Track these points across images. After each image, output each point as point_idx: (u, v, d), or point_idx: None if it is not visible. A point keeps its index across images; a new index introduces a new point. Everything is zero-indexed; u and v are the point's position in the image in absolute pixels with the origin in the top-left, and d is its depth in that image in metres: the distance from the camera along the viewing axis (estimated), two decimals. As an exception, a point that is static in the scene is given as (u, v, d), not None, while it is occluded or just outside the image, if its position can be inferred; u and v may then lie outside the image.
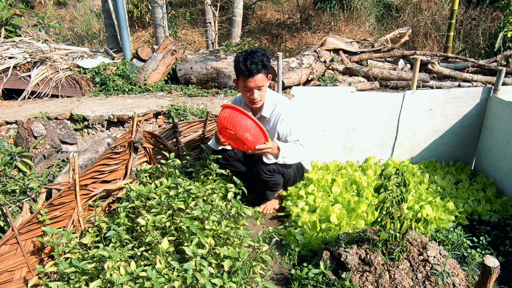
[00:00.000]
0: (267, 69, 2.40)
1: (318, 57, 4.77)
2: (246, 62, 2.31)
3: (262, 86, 2.40)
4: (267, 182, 2.56)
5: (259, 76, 2.34)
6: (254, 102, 2.46)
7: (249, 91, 2.41)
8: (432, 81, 4.56)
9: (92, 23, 8.80)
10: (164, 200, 2.00)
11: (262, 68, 2.34)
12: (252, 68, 2.30)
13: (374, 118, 3.14)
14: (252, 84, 2.36)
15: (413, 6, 7.81)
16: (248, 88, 2.39)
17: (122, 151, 2.48)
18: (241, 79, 2.38)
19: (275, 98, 2.57)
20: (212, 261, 1.65)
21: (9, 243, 1.85)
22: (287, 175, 2.62)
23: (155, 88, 4.64)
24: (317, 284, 1.84)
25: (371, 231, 2.05)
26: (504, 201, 2.64)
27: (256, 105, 2.49)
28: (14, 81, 4.46)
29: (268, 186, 2.62)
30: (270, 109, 2.54)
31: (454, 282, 1.74)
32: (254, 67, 2.31)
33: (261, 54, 2.35)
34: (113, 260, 1.62)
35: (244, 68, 2.32)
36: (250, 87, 2.38)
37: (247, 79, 2.34)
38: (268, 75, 2.45)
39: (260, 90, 2.41)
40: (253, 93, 2.40)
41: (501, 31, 5.20)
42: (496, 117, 2.90)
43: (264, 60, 2.36)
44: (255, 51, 2.37)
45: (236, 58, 2.38)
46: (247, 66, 2.31)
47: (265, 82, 2.41)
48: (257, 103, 2.47)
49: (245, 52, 2.39)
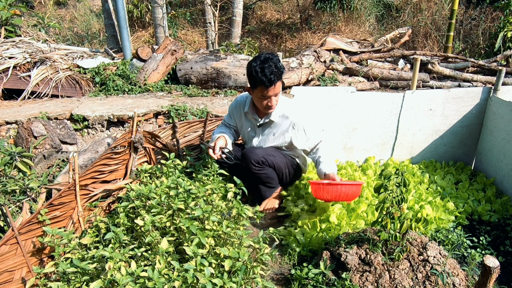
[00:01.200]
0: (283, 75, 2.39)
1: (318, 57, 4.77)
2: (265, 72, 2.26)
3: (278, 93, 2.40)
4: (258, 175, 2.55)
5: (278, 84, 2.34)
6: (268, 109, 2.46)
7: (267, 99, 2.39)
8: (432, 81, 4.56)
9: (92, 23, 8.80)
10: (164, 200, 2.00)
11: (281, 76, 2.34)
12: (273, 78, 2.27)
13: (374, 118, 3.14)
14: (271, 92, 2.35)
15: (413, 6, 7.81)
16: (266, 97, 2.38)
17: (122, 151, 2.48)
18: (260, 88, 2.33)
19: (283, 103, 2.56)
20: (212, 261, 1.65)
21: (9, 243, 1.85)
22: (279, 170, 2.61)
23: (155, 88, 4.64)
24: (317, 284, 1.84)
25: (371, 231, 2.05)
26: (504, 201, 2.64)
27: (270, 111, 2.49)
28: (14, 81, 4.46)
29: (261, 181, 2.61)
30: (278, 113, 2.53)
31: (454, 282, 1.74)
32: (274, 77, 2.27)
33: (276, 60, 2.32)
34: (114, 261, 1.62)
35: (265, 79, 2.27)
36: (269, 96, 2.37)
37: (267, 88, 2.32)
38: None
39: (276, 96, 2.41)
40: (271, 100, 2.39)
41: (501, 31, 5.21)
42: (496, 117, 2.90)
43: (280, 66, 2.32)
44: (270, 59, 2.31)
45: (251, 68, 2.31)
46: (267, 76, 2.26)
47: (280, 88, 2.42)
48: (272, 109, 2.48)
49: (258, 60, 2.33)
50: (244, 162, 2.54)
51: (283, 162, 2.62)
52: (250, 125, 2.67)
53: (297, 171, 2.77)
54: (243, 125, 2.69)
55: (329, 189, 2.18)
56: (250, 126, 2.67)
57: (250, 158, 2.48)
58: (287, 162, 2.65)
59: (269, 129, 2.60)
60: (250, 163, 2.49)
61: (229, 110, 2.75)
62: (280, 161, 2.59)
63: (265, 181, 2.63)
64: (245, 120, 2.67)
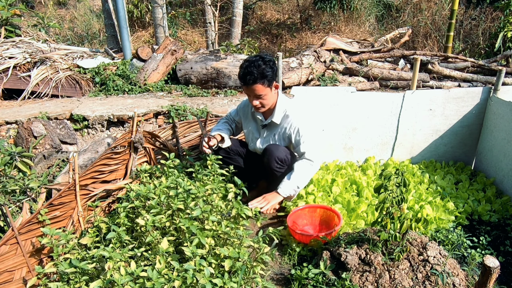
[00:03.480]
0: (268, 78, 2.33)
1: (318, 57, 4.77)
2: (244, 70, 2.31)
3: (261, 95, 2.37)
4: (276, 172, 2.54)
5: (255, 86, 2.32)
6: (255, 108, 2.47)
7: (251, 98, 2.43)
8: (432, 81, 4.56)
9: (92, 23, 8.80)
10: (163, 200, 2.00)
11: (260, 79, 2.29)
12: (248, 79, 2.30)
13: (374, 118, 3.14)
14: (249, 92, 2.38)
15: (413, 6, 7.81)
16: (247, 94, 2.43)
17: (122, 151, 2.48)
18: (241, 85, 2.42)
19: (286, 105, 2.54)
20: (212, 261, 1.65)
21: (9, 243, 1.85)
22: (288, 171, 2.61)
23: (155, 88, 4.64)
24: (317, 284, 1.84)
25: (371, 231, 2.05)
26: (504, 201, 2.64)
27: (259, 111, 2.49)
28: (14, 81, 4.46)
29: (276, 178, 2.60)
30: (280, 115, 2.52)
31: (454, 282, 1.74)
32: (249, 78, 2.29)
33: (261, 63, 2.30)
34: (114, 261, 1.62)
35: (241, 76, 2.33)
36: (248, 94, 2.42)
37: (245, 87, 2.37)
38: (273, 83, 2.41)
39: (260, 98, 2.39)
40: (252, 100, 2.41)
41: (501, 31, 5.20)
42: (496, 117, 2.90)
43: (263, 69, 2.29)
44: (256, 60, 2.32)
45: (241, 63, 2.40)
46: (243, 75, 2.31)
47: (266, 91, 2.37)
48: (260, 109, 2.47)
49: (249, 58, 2.36)
50: (266, 157, 2.51)
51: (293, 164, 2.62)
52: (255, 126, 2.68)
53: None
54: (248, 124, 2.71)
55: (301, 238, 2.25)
56: (255, 127, 2.68)
57: (275, 155, 2.47)
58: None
59: (272, 130, 2.60)
60: (273, 160, 2.48)
61: (238, 107, 2.78)
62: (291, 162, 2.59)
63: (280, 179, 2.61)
64: (251, 120, 2.69)
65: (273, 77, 2.38)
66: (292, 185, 2.48)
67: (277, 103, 2.50)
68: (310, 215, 2.46)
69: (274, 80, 2.41)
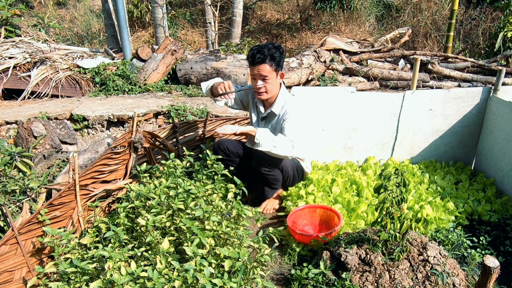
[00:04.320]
0: (276, 62, 2.40)
1: (318, 57, 4.77)
2: (254, 50, 2.39)
3: (266, 77, 2.42)
4: (266, 176, 2.56)
5: (262, 66, 2.38)
6: (258, 92, 2.48)
7: (255, 79, 2.46)
8: (432, 81, 4.56)
9: (92, 23, 8.80)
10: (164, 200, 2.00)
11: (268, 59, 2.37)
12: (257, 57, 2.37)
13: (374, 118, 3.14)
14: (255, 71, 2.42)
15: (413, 6, 7.81)
16: (253, 76, 2.46)
17: (122, 151, 2.48)
18: (249, 67, 2.47)
19: (287, 97, 2.57)
20: (212, 261, 1.65)
21: (9, 243, 1.85)
22: (286, 173, 2.62)
23: (155, 88, 4.64)
24: (317, 284, 1.84)
25: (371, 231, 2.05)
26: (504, 201, 2.64)
27: (261, 96, 2.50)
28: (14, 81, 4.46)
29: (267, 181, 2.63)
30: (280, 106, 2.55)
31: (454, 282, 1.74)
32: (259, 56, 2.36)
33: (272, 47, 2.40)
34: (114, 261, 1.62)
35: (250, 55, 2.41)
36: (254, 74, 2.44)
37: (250, 66, 2.43)
38: (280, 71, 2.47)
39: (264, 81, 2.43)
40: (256, 81, 2.44)
41: (501, 31, 5.20)
42: (496, 117, 2.90)
43: (274, 52, 2.38)
44: (268, 44, 2.42)
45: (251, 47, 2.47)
46: (253, 54, 2.39)
47: (271, 74, 2.42)
48: (262, 94, 2.49)
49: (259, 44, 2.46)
50: (255, 161, 2.53)
51: (290, 165, 2.63)
52: (255, 117, 2.70)
53: (301, 174, 2.78)
54: (250, 112, 2.74)
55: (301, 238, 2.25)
56: (255, 118, 2.70)
57: (263, 159, 2.48)
58: (293, 164, 2.67)
59: (270, 121, 2.61)
60: (261, 163, 2.50)
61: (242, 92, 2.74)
62: (288, 163, 2.61)
63: (271, 183, 2.64)
64: (253, 109, 2.71)
65: (281, 63, 2.45)
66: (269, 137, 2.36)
67: (279, 95, 2.54)
68: (310, 215, 2.46)
69: (280, 68, 2.47)
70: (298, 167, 2.72)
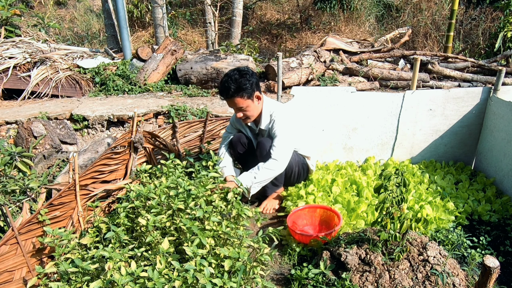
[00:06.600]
0: (248, 91, 2.35)
1: (318, 57, 4.77)
2: (222, 86, 2.36)
3: (242, 107, 2.40)
4: None
5: (234, 100, 2.37)
6: (242, 120, 2.51)
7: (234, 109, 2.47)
8: (432, 81, 4.56)
9: (92, 23, 8.80)
10: (164, 200, 2.00)
11: (237, 92, 2.32)
12: (226, 94, 2.36)
13: (374, 118, 3.14)
14: (229, 104, 2.44)
15: (413, 6, 7.81)
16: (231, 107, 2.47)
17: (122, 151, 2.48)
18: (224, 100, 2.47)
19: (271, 108, 2.54)
20: (212, 261, 1.65)
21: (9, 243, 1.85)
22: (289, 168, 2.62)
23: (155, 88, 4.64)
24: (317, 284, 1.84)
25: (371, 231, 2.05)
26: (504, 201, 2.64)
27: (246, 122, 2.54)
28: (14, 81, 4.46)
29: None
30: (267, 121, 2.55)
31: (454, 282, 1.74)
32: (226, 93, 2.35)
33: (238, 76, 2.33)
34: (114, 261, 1.62)
35: (220, 91, 2.40)
36: (231, 107, 2.46)
37: (225, 100, 2.42)
38: (255, 94, 2.42)
39: (243, 111, 2.43)
40: (236, 112, 2.46)
41: (501, 31, 5.20)
42: (496, 117, 2.90)
43: (242, 82, 2.32)
44: (234, 74, 2.35)
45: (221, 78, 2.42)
46: (221, 91, 2.38)
47: (246, 103, 2.39)
48: (246, 121, 2.53)
49: (228, 72, 2.40)
50: (259, 151, 2.54)
51: (295, 161, 2.63)
52: (251, 134, 2.72)
53: (306, 171, 2.78)
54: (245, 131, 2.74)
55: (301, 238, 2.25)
56: (252, 135, 2.72)
57: (266, 147, 2.49)
58: (298, 161, 2.67)
59: (264, 135, 2.63)
60: (265, 151, 2.50)
61: (231, 120, 2.81)
62: (292, 159, 2.60)
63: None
64: (246, 128, 2.72)
65: (253, 89, 2.39)
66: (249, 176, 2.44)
67: (262, 111, 2.52)
68: (310, 215, 2.46)
69: (254, 92, 2.41)
70: (303, 164, 2.72)
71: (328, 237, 2.14)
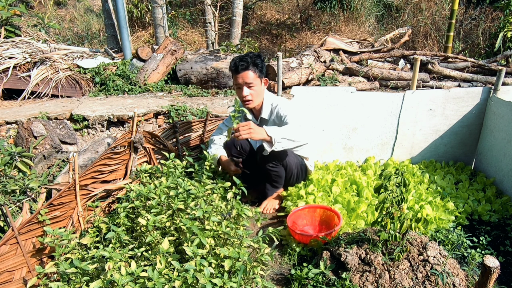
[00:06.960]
0: (259, 69, 2.48)
1: (318, 57, 4.77)
2: (236, 60, 2.47)
3: (251, 84, 2.47)
4: (270, 172, 2.58)
5: (246, 72, 2.44)
6: (245, 101, 2.52)
7: (240, 89, 2.50)
8: (432, 81, 4.56)
9: (92, 23, 8.80)
10: (164, 200, 2.00)
11: (251, 66, 2.44)
12: (241, 65, 2.44)
13: (374, 118, 3.14)
14: (240, 80, 2.46)
15: (413, 6, 7.81)
16: (238, 85, 2.50)
17: (122, 151, 2.48)
18: (233, 77, 2.53)
19: (272, 99, 2.63)
20: (212, 261, 1.65)
21: (9, 243, 1.85)
22: (289, 170, 2.62)
23: (155, 88, 4.64)
24: (317, 284, 1.84)
25: (371, 231, 2.05)
26: (504, 201, 2.64)
27: (248, 104, 2.54)
28: (14, 81, 4.46)
29: (270, 178, 2.64)
30: (268, 110, 2.61)
31: (454, 282, 1.74)
32: (242, 63, 2.44)
33: (253, 55, 2.48)
34: (114, 261, 1.62)
35: (233, 65, 2.48)
36: (238, 83, 2.48)
37: (234, 75, 2.48)
38: (263, 78, 2.54)
39: (250, 88, 2.48)
40: (242, 90, 2.48)
41: (501, 31, 5.20)
42: (496, 117, 2.90)
43: (256, 60, 2.46)
44: (248, 53, 2.52)
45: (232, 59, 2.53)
46: (235, 63, 2.47)
47: (256, 81, 2.48)
48: (249, 103, 2.53)
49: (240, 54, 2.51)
50: (260, 156, 2.55)
51: (294, 162, 2.63)
52: None
53: (304, 172, 2.78)
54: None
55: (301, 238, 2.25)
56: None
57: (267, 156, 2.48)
58: (297, 162, 2.66)
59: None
60: (266, 158, 2.50)
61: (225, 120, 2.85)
62: (292, 161, 2.60)
63: (274, 179, 2.65)
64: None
65: (263, 70, 2.52)
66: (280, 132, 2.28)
67: (264, 100, 2.61)
68: (310, 215, 2.46)
69: (263, 75, 2.54)
70: (302, 165, 2.72)
71: (328, 237, 2.14)
